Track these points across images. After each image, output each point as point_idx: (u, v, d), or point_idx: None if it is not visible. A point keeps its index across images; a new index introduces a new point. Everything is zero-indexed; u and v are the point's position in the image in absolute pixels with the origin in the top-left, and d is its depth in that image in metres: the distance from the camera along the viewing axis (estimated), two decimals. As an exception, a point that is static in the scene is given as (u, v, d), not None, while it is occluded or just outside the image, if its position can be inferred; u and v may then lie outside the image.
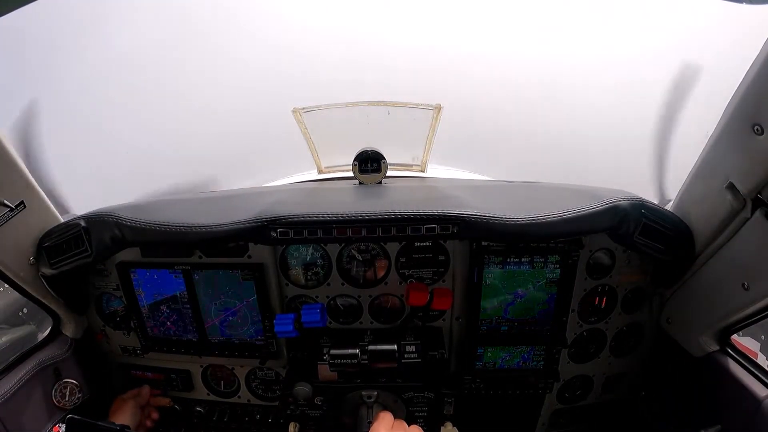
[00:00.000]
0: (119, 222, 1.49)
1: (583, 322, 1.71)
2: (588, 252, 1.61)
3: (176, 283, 1.68)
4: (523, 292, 1.61)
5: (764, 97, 1.07)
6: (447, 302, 1.59)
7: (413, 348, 1.54)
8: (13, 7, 0.87)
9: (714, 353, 1.47)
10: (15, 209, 1.40)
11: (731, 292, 1.33)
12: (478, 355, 1.69)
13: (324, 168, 2.12)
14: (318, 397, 1.59)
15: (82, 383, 1.76)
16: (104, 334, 1.85)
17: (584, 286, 1.65)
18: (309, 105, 1.88)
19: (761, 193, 1.18)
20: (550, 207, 1.39)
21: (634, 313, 1.73)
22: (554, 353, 1.67)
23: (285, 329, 1.54)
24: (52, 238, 1.54)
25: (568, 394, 1.86)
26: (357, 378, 1.59)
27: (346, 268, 1.70)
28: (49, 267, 1.54)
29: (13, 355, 1.62)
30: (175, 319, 1.74)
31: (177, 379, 1.89)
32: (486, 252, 1.55)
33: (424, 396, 1.59)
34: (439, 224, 1.40)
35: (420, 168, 2.09)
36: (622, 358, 1.80)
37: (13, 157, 1.35)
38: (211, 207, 1.72)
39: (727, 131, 1.22)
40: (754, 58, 1.09)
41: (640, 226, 1.43)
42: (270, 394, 1.90)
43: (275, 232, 1.42)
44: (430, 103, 1.85)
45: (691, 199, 1.47)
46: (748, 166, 1.18)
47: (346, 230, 1.42)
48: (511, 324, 1.66)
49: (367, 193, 1.80)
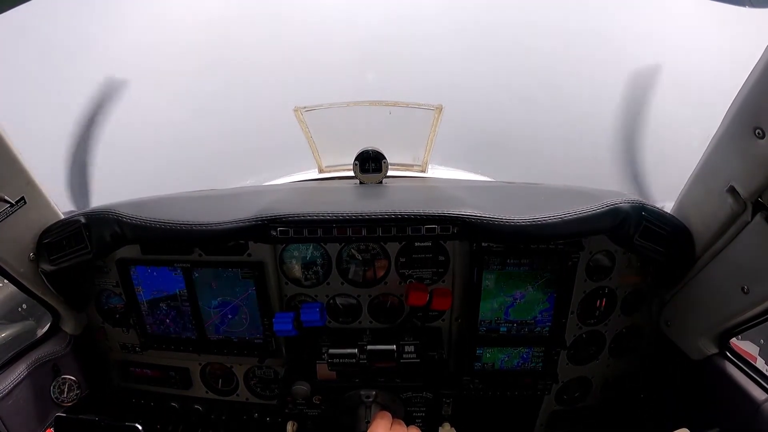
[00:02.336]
0: (119, 219, 1.49)
1: (583, 323, 1.70)
2: (588, 254, 1.61)
3: (176, 280, 1.68)
4: (522, 293, 1.61)
5: (765, 101, 1.07)
6: (446, 303, 1.58)
7: (412, 348, 1.54)
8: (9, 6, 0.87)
9: (713, 356, 1.47)
10: (15, 205, 1.40)
11: (731, 295, 1.33)
12: (477, 356, 1.69)
13: (325, 167, 2.13)
14: (316, 397, 1.59)
15: (81, 380, 1.76)
16: (103, 331, 1.85)
17: (584, 287, 1.65)
18: (310, 104, 1.89)
19: (762, 196, 1.18)
20: (551, 208, 1.39)
21: (633, 316, 1.73)
22: (553, 355, 1.67)
23: (284, 328, 1.54)
24: (52, 234, 1.54)
25: (566, 395, 1.85)
26: (356, 377, 1.59)
27: (345, 268, 1.70)
28: (48, 263, 1.54)
29: (12, 351, 1.62)
30: (174, 317, 1.74)
31: (175, 377, 1.89)
32: (486, 253, 1.55)
33: (423, 396, 1.59)
34: (439, 225, 1.40)
35: (421, 168, 2.09)
36: (621, 361, 1.80)
37: (14, 152, 1.35)
38: (211, 205, 1.72)
39: (728, 134, 1.22)
40: (756, 61, 1.09)
41: (641, 228, 1.43)
42: (268, 392, 1.90)
43: (275, 230, 1.42)
44: (431, 103, 1.85)
45: (692, 202, 1.46)
46: (748, 170, 1.18)
47: (346, 230, 1.43)
48: (511, 325, 1.65)
49: (367, 193, 1.80)
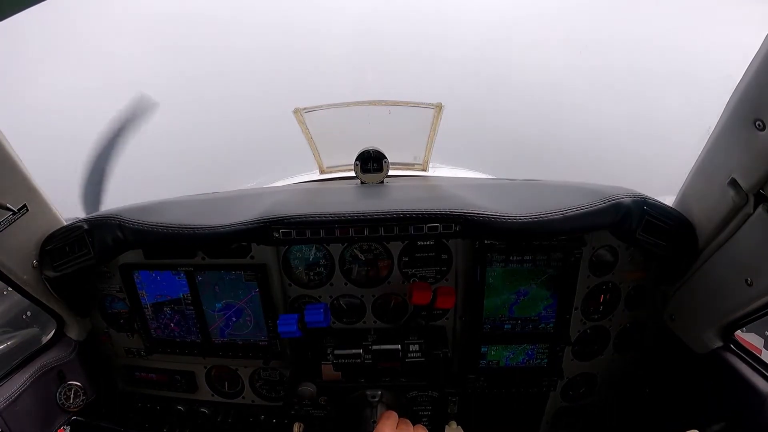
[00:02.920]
0: (122, 224, 1.50)
1: (587, 319, 1.70)
2: (591, 249, 1.60)
3: (179, 284, 1.68)
4: (525, 290, 1.61)
5: (766, 93, 1.07)
6: (450, 301, 1.58)
7: (417, 347, 1.55)
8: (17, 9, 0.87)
9: (718, 350, 1.46)
10: (18, 212, 1.40)
11: (734, 288, 1.33)
12: (482, 354, 1.69)
13: (326, 168, 2.13)
14: (322, 397, 1.59)
15: (87, 385, 1.76)
16: (108, 336, 1.85)
17: (587, 283, 1.65)
18: (310, 105, 1.89)
19: (764, 188, 1.18)
20: (553, 205, 1.39)
21: (637, 311, 1.73)
22: (558, 351, 1.67)
23: (288, 329, 1.54)
24: (55, 240, 1.54)
25: (572, 392, 1.85)
26: (361, 377, 1.59)
27: (348, 268, 1.70)
28: (52, 270, 1.54)
29: (18, 358, 1.62)
30: (178, 321, 1.74)
31: (181, 381, 1.89)
32: (489, 250, 1.55)
33: (428, 395, 1.59)
34: (442, 223, 1.40)
35: (422, 167, 2.09)
36: (626, 356, 1.80)
37: (16, 160, 1.36)
38: (213, 208, 1.72)
39: (729, 127, 1.22)
40: (755, 53, 1.09)
41: (643, 222, 1.43)
42: (274, 394, 1.90)
43: (278, 232, 1.42)
44: (431, 102, 1.85)
45: (694, 195, 1.46)
46: (750, 162, 1.18)
47: (349, 230, 1.42)
48: (515, 322, 1.65)
49: (369, 193, 1.80)
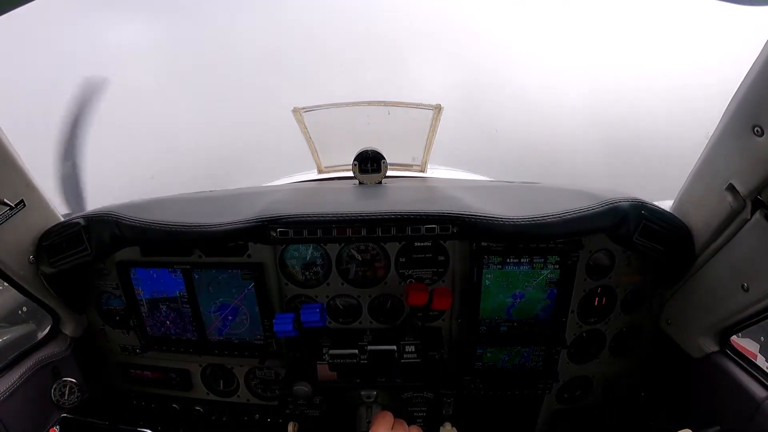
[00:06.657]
0: (119, 221, 1.49)
1: (583, 322, 1.71)
2: (588, 252, 1.61)
3: (176, 282, 1.68)
4: (522, 292, 1.61)
5: (764, 99, 1.07)
6: (447, 302, 1.58)
7: (413, 348, 1.54)
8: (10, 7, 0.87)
9: (713, 354, 1.46)
10: (15, 208, 1.39)
11: (731, 293, 1.33)
12: (478, 356, 1.69)
13: (324, 168, 2.13)
14: (317, 397, 1.59)
15: (82, 382, 1.76)
16: (104, 333, 1.85)
17: (584, 286, 1.65)
18: (309, 104, 1.88)
19: (761, 194, 1.18)
20: (550, 207, 1.39)
21: (633, 314, 1.73)
22: (553, 354, 1.67)
23: (284, 329, 1.54)
24: (52, 236, 1.54)
25: (567, 394, 1.86)
26: (356, 378, 1.59)
27: (345, 268, 1.70)
28: (48, 266, 1.54)
29: (12, 353, 1.62)
30: (174, 318, 1.74)
31: (176, 379, 1.89)
32: (486, 252, 1.55)
33: (424, 396, 1.59)
34: (439, 224, 1.40)
35: (420, 168, 2.09)
36: (622, 359, 1.80)
37: (14, 155, 1.35)
38: (211, 206, 1.72)
39: (727, 132, 1.22)
40: (754, 59, 1.09)
41: (640, 226, 1.43)
42: (269, 393, 1.90)
43: (275, 231, 1.42)
44: (430, 103, 1.85)
45: (691, 200, 1.46)
46: (748, 168, 1.18)
47: (346, 230, 1.43)
48: (511, 324, 1.65)
49: (366, 193, 1.80)
